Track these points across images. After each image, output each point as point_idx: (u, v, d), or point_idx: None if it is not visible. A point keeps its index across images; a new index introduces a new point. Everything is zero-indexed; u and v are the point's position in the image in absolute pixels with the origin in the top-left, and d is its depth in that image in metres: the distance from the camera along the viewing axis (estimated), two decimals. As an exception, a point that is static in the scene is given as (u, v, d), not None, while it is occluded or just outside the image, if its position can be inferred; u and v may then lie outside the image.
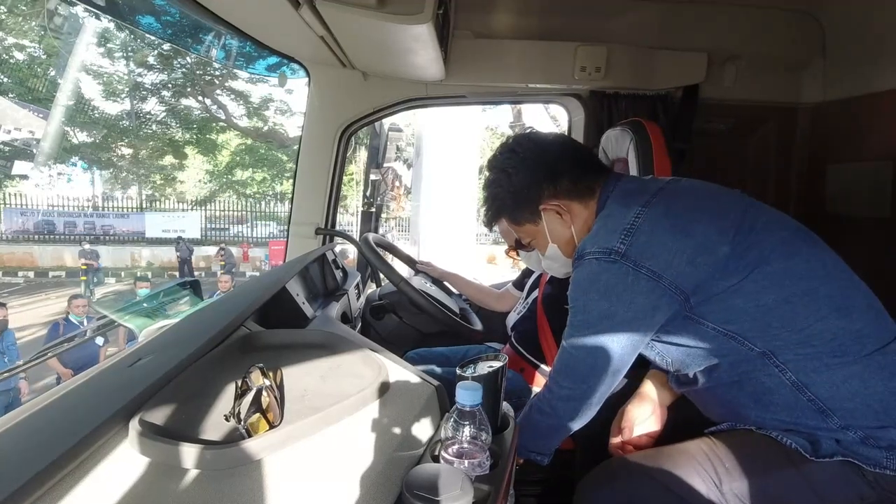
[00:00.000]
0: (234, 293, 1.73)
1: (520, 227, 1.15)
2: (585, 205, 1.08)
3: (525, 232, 1.15)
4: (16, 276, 13.53)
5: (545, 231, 1.11)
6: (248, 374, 0.68)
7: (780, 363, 0.89)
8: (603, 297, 0.94)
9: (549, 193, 1.07)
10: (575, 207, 1.08)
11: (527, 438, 1.06)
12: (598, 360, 0.96)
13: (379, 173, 2.56)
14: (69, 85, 11.77)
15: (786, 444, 0.90)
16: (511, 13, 1.84)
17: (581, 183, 1.07)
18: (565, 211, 1.07)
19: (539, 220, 1.11)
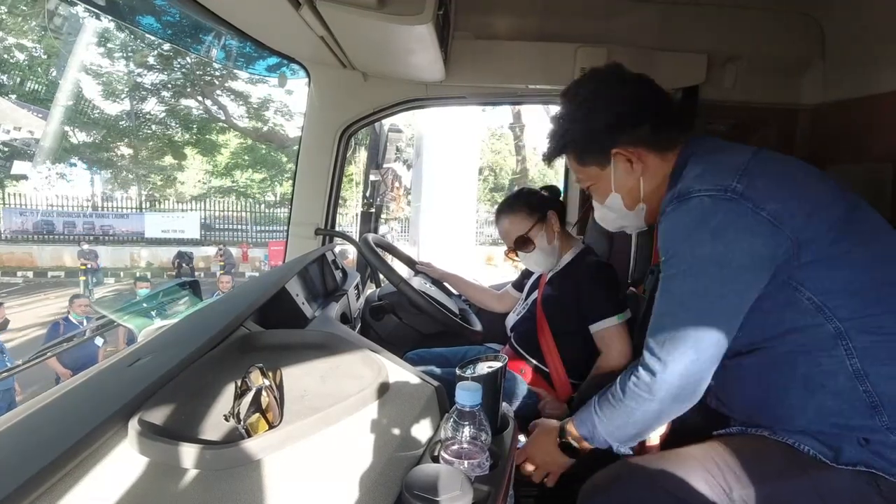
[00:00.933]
0: (233, 293, 1.73)
1: (583, 168, 1.07)
2: (663, 158, 1.00)
3: (587, 174, 1.07)
4: (15, 277, 13.52)
5: (611, 177, 1.03)
6: (247, 375, 0.68)
7: (850, 347, 0.84)
8: (716, 239, 0.85)
9: (627, 139, 0.99)
10: (650, 159, 1.00)
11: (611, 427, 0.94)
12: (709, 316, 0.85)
13: (379, 174, 2.56)
14: (69, 85, 11.77)
15: (802, 450, 0.87)
16: (511, 14, 1.85)
17: (663, 134, 1.00)
18: (638, 160, 1.00)
19: (607, 165, 1.02)
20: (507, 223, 1.61)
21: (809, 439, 0.88)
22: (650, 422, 0.92)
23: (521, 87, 1.94)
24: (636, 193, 1.03)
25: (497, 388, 0.79)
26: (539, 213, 1.59)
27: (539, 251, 1.58)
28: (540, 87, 1.93)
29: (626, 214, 1.06)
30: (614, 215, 1.09)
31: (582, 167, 1.07)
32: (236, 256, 13.88)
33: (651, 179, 1.01)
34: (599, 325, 1.48)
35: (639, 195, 1.03)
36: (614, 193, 1.05)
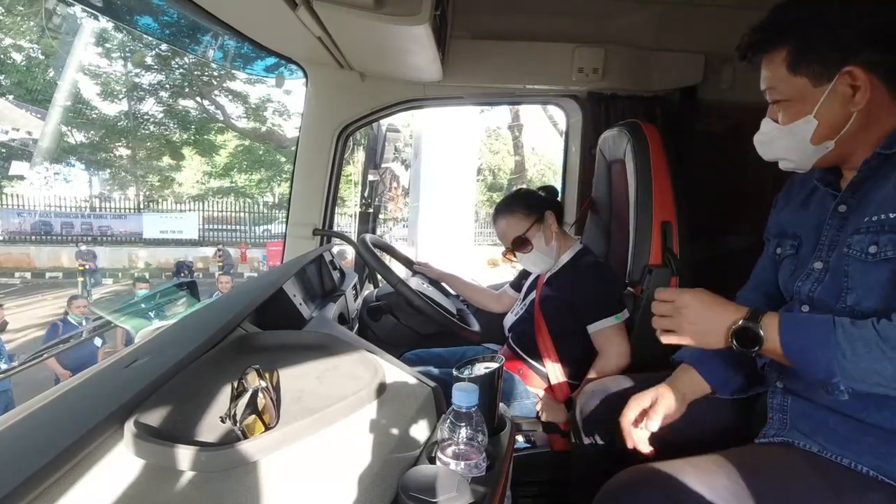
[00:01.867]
0: (231, 294, 1.73)
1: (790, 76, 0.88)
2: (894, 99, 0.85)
3: (790, 85, 0.88)
4: (12, 277, 13.49)
5: (819, 98, 0.85)
6: (244, 376, 0.68)
7: None
8: None
9: (867, 58, 0.82)
10: (880, 94, 0.84)
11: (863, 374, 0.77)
12: None
13: (377, 174, 2.56)
14: (67, 85, 11.74)
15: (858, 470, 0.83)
16: (508, 14, 1.85)
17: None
18: (866, 91, 0.83)
19: (824, 84, 0.85)
20: (505, 224, 1.61)
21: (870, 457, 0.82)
22: None
23: (518, 87, 1.94)
24: (838, 128, 0.86)
25: (494, 389, 0.79)
26: (537, 213, 1.59)
27: (537, 252, 1.58)
28: (538, 87, 1.93)
29: (805, 147, 0.90)
30: (788, 143, 0.92)
31: (790, 74, 0.88)
32: (235, 257, 13.87)
33: (865, 119, 0.85)
34: (597, 325, 1.48)
35: (839, 131, 0.86)
36: (811, 118, 0.87)
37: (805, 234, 1.00)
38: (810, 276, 0.95)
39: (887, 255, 0.83)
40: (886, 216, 0.83)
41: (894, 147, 0.84)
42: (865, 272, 0.86)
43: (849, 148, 0.89)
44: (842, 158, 0.91)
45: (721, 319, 0.86)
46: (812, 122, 0.87)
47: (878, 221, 0.84)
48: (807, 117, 0.87)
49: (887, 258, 0.83)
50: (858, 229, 0.86)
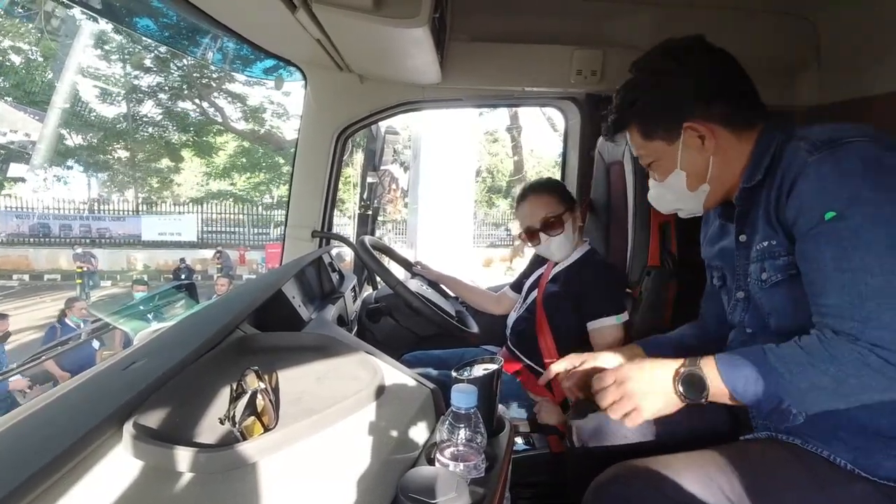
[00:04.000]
0: (229, 296, 1.73)
1: (647, 143, 1.00)
2: (739, 138, 0.94)
3: (651, 150, 1.00)
4: (10, 279, 13.47)
5: (677, 154, 0.96)
6: (243, 377, 0.68)
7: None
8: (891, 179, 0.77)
9: (700, 113, 0.93)
10: (724, 137, 0.94)
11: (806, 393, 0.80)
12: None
13: (376, 176, 2.56)
14: (66, 87, 11.75)
15: (836, 462, 0.85)
16: (507, 16, 1.85)
17: (741, 112, 0.94)
18: (711, 137, 0.93)
19: (675, 140, 0.96)
20: (539, 201, 1.61)
21: (846, 451, 0.85)
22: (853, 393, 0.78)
23: (517, 90, 1.94)
24: (703, 173, 0.96)
25: (493, 391, 0.79)
26: (570, 202, 1.61)
27: (563, 237, 1.59)
28: (536, 90, 1.94)
29: (686, 196, 1.00)
30: (672, 196, 1.02)
31: (647, 141, 1.00)
32: (233, 259, 13.86)
33: (722, 160, 0.94)
34: (597, 322, 1.49)
35: (705, 175, 0.96)
36: (679, 171, 0.98)
37: (725, 265, 1.08)
38: (737, 305, 1.04)
39: (776, 279, 0.90)
40: (769, 243, 0.91)
41: (752, 180, 0.92)
42: (769, 297, 0.94)
43: (724, 184, 0.98)
44: (725, 194, 1.00)
45: (664, 375, 0.89)
46: (680, 174, 0.98)
47: (762, 249, 0.92)
48: (675, 171, 0.98)
49: (777, 282, 0.90)
50: (752, 258, 0.95)
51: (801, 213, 0.82)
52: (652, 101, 0.97)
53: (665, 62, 0.97)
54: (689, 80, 0.94)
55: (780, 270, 0.89)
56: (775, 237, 0.89)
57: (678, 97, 0.94)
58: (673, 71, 0.95)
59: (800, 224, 0.83)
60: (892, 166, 0.78)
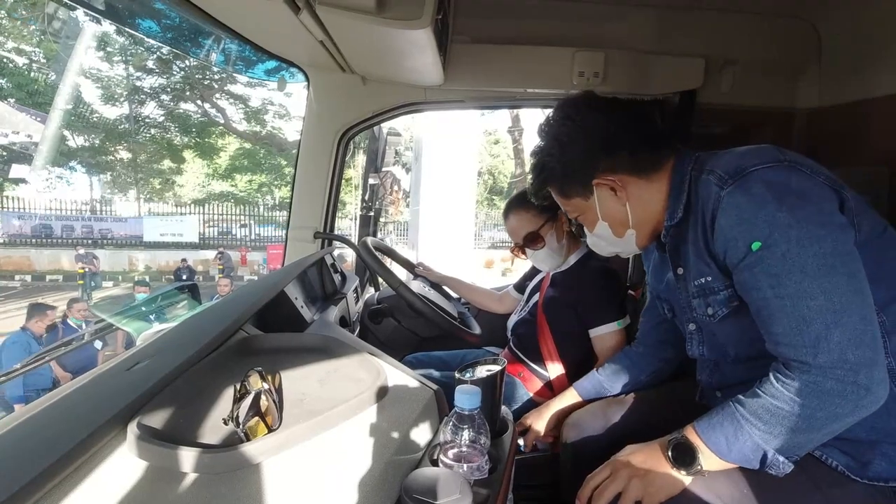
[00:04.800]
0: (232, 297, 1.73)
1: (567, 201, 1.06)
2: (649, 181, 0.97)
3: (573, 206, 1.06)
4: (13, 280, 13.49)
5: (596, 207, 1.01)
6: (246, 378, 0.68)
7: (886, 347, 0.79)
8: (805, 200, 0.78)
9: (605, 167, 0.97)
10: (633, 184, 0.98)
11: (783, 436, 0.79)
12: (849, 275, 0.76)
13: (378, 177, 2.56)
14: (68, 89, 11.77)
15: (828, 463, 0.85)
16: (509, 19, 1.85)
17: (644, 157, 0.97)
18: (620, 187, 0.97)
19: (590, 195, 1.01)
20: (518, 219, 1.61)
21: (837, 452, 0.85)
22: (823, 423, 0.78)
23: (519, 91, 1.94)
24: (624, 220, 1.01)
25: (496, 392, 0.79)
26: (550, 212, 1.60)
27: (548, 249, 1.58)
28: (538, 91, 1.94)
29: (617, 241, 1.05)
30: (604, 243, 1.07)
31: (566, 200, 1.06)
32: (235, 260, 13.87)
33: (639, 204, 0.99)
34: (599, 329, 1.49)
35: (627, 221, 1.01)
36: (602, 222, 1.03)
37: (671, 297, 1.10)
38: (693, 338, 1.06)
39: (722, 313, 0.92)
40: (704, 280, 0.93)
41: (674, 218, 0.96)
42: (721, 329, 0.95)
43: (649, 225, 1.02)
44: (654, 233, 1.03)
45: (653, 452, 0.89)
46: (603, 224, 1.03)
47: (700, 286, 0.94)
48: (599, 222, 1.03)
49: (724, 316, 0.92)
50: (693, 294, 0.97)
51: (728, 247, 0.84)
52: (559, 166, 1.01)
53: (559, 127, 1.01)
54: (588, 138, 0.98)
55: (723, 304, 0.91)
56: (709, 273, 0.91)
57: (581, 158, 0.99)
58: (568, 135, 0.99)
59: (730, 257, 0.85)
60: (801, 187, 0.79)
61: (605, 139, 0.97)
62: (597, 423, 1.17)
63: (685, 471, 0.85)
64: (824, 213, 0.79)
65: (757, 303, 0.83)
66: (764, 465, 0.81)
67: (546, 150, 1.03)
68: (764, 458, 0.81)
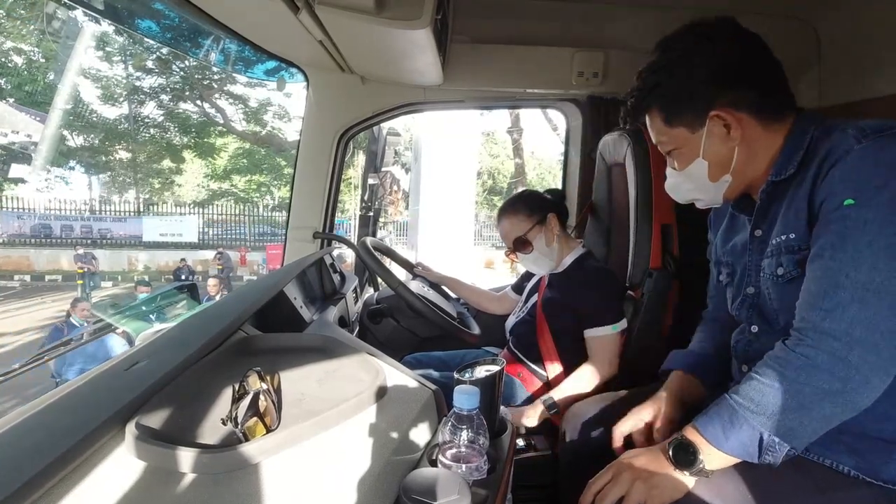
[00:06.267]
0: (231, 297, 1.73)
1: (668, 129, 0.94)
2: (766, 129, 0.90)
3: (672, 136, 0.95)
4: (12, 280, 13.49)
5: (701, 142, 0.91)
6: (245, 378, 0.68)
7: None
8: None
9: (729, 100, 0.88)
10: (752, 127, 0.89)
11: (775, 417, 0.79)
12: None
13: (377, 177, 2.56)
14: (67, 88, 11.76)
15: (839, 470, 0.84)
16: (509, 19, 1.85)
17: (771, 101, 0.90)
18: (737, 126, 0.89)
19: (699, 128, 0.91)
20: (507, 224, 1.62)
21: (846, 456, 0.84)
22: (812, 403, 0.77)
23: (518, 91, 1.94)
24: (727, 163, 0.92)
25: (495, 392, 0.79)
26: (539, 215, 1.59)
27: (537, 253, 1.58)
28: (538, 91, 1.94)
29: (706, 186, 0.96)
30: (690, 185, 0.98)
31: (668, 127, 0.95)
32: (234, 260, 13.87)
33: (747, 151, 0.90)
34: (593, 331, 1.49)
35: (729, 166, 0.92)
36: (701, 160, 0.93)
37: (735, 260, 1.04)
38: (745, 301, 1.00)
39: (792, 274, 0.87)
40: (787, 237, 0.87)
41: (783, 173, 0.88)
42: (782, 293, 0.90)
43: (747, 176, 0.94)
44: (746, 186, 0.96)
45: (656, 454, 0.88)
46: (702, 163, 0.93)
47: (779, 243, 0.89)
48: (697, 160, 0.93)
49: (792, 278, 0.87)
50: (768, 252, 0.91)
51: (828, 196, 0.80)
52: (677, 86, 0.91)
53: (693, 44, 0.91)
54: (719, 65, 0.89)
55: (796, 265, 0.86)
56: (796, 229, 0.86)
57: (706, 82, 0.89)
58: (698, 54, 0.90)
59: (823, 208, 0.81)
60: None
61: (737, 70, 0.89)
62: (596, 420, 1.16)
63: (688, 471, 0.83)
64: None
65: (813, 256, 0.81)
66: (761, 451, 0.80)
67: (664, 66, 0.93)
68: (760, 442, 0.79)
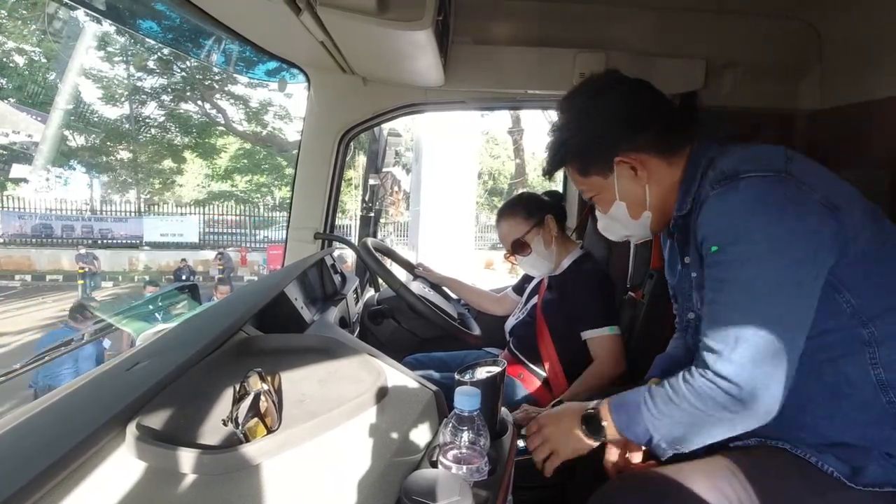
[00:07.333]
0: (232, 297, 1.73)
1: (585, 179, 1.03)
2: (669, 163, 0.97)
3: (590, 185, 1.03)
4: (13, 280, 13.50)
5: (614, 186, 1.00)
6: (246, 379, 0.68)
7: (876, 356, 0.82)
8: (779, 220, 0.79)
9: (629, 145, 0.96)
10: (655, 165, 0.97)
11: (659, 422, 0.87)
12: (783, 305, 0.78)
13: (378, 178, 2.56)
14: (68, 89, 11.78)
15: (823, 469, 0.85)
16: (510, 20, 1.85)
17: (668, 137, 0.97)
18: (642, 167, 0.96)
19: (609, 174, 0.99)
20: (506, 226, 1.62)
21: (831, 457, 0.85)
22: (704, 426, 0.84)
23: (519, 92, 1.94)
24: (642, 201, 1.00)
25: (496, 393, 0.79)
26: (537, 217, 1.59)
27: (535, 255, 1.58)
28: (539, 92, 1.94)
29: (631, 224, 1.04)
30: (619, 225, 1.06)
31: (584, 178, 1.04)
32: (235, 261, 13.87)
33: (658, 187, 0.98)
34: (590, 333, 1.49)
35: (645, 203, 1.00)
36: (619, 202, 1.01)
37: (676, 287, 1.12)
38: (688, 326, 1.08)
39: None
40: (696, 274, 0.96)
41: (683, 209, 0.96)
42: None
43: (666, 209, 1.01)
44: (668, 218, 1.03)
45: (571, 417, 0.99)
46: (620, 204, 1.02)
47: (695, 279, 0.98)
48: (616, 202, 1.02)
49: None
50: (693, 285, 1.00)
51: (702, 241, 0.88)
52: (582, 140, 1.00)
53: (585, 101, 1.00)
54: (612, 115, 0.97)
55: None
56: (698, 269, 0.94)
57: (604, 134, 0.98)
58: (594, 109, 0.99)
59: (702, 251, 0.88)
60: (782, 205, 0.80)
61: (629, 116, 0.97)
62: None
63: (592, 439, 0.95)
64: (795, 235, 0.79)
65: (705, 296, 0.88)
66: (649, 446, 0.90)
67: (568, 124, 1.02)
68: (650, 440, 0.89)
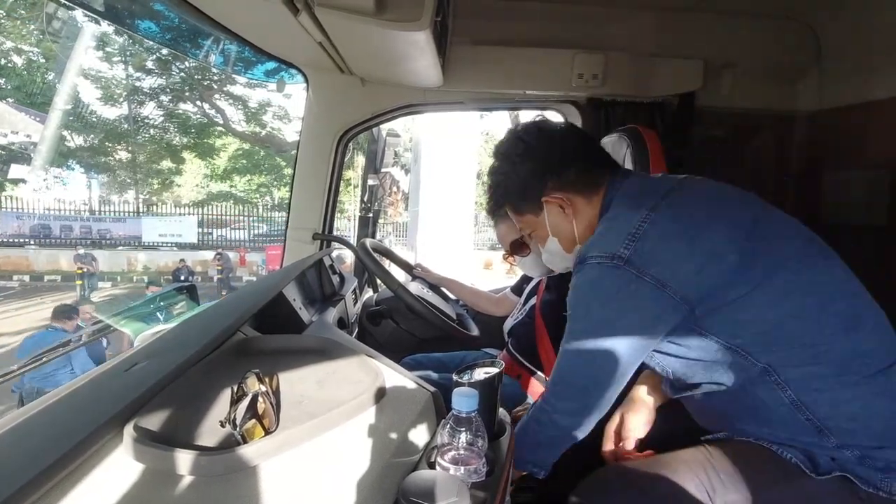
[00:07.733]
0: (231, 298, 1.73)
1: (521, 217, 1.14)
2: (589, 200, 1.05)
3: (526, 223, 1.13)
4: (11, 280, 13.47)
5: (546, 223, 1.09)
6: (243, 380, 0.68)
7: (780, 381, 0.87)
8: (604, 305, 0.92)
9: (553, 185, 1.05)
10: (578, 202, 1.05)
11: (525, 451, 1.02)
12: (598, 370, 0.93)
13: (377, 179, 2.56)
14: (67, 89, 11.77)
15: (785, 457, 0.89)
16: (509, 20, 1.85)
17: (586, 177, 1.05)
18: (568, 204, 1.05)
19: (541, 212, 1.08)
20: (504, 227, 1.62)
21: (791, 448, 0.89)
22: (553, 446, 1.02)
23: (518, 93, 1.94)
24: (571, 236, 1.08)
25: (494, 394, 0.78)
26: None
27: (534, 256, 1.58)
28: (538, 93, 1.94)
29: (566, 257, 1.11)
30: (557, 258, 1.14)
31: (519, 216, 1.14)
32: (234, 261, 13.86)
33: (584, 222, 1.06)
34: None
35: (574, 237, 1.08)
36: (552, 238, 1.10)
37: None
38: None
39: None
40: None
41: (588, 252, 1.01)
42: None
43: None
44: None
45: None
46: (553, 239, 1.11)
47: None
48: (549, 238, 1.11)
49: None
50: None
51: None
52: (513, 183, 1.10)
53: (514, 147, 1.09)
54: (538, 160, 1.06)
55: None
56: None
57: (531, 175, 1.07)
58: (521, 153, 1.08)
59: None
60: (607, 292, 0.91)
61: (553, 159, 1.06)
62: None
63: None
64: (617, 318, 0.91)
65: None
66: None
67: (500, 169, 1.12)
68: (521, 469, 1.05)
